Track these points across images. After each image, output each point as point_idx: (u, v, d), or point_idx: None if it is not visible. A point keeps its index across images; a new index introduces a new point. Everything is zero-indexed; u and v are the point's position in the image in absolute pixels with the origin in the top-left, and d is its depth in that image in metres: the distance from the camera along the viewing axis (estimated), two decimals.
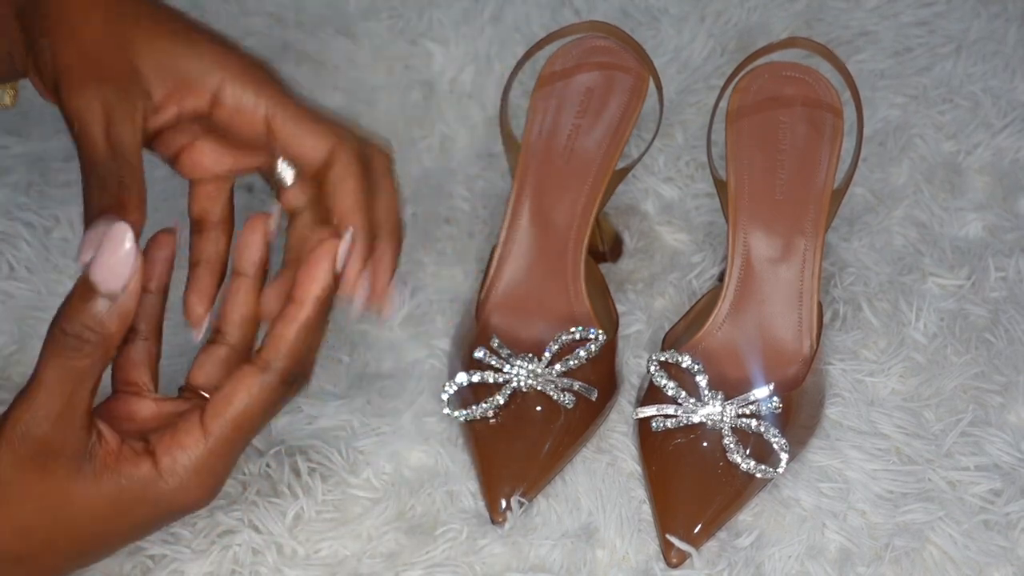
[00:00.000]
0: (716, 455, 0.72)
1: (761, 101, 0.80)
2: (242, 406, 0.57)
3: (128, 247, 0.53)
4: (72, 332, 0.53)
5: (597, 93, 0.81)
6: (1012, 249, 0.87)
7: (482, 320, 0.78)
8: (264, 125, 0.60)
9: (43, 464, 0.54)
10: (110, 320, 0.54)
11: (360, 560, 0.70)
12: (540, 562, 0.70)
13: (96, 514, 0.56)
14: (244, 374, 0.57)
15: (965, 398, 0.79)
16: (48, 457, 0.54)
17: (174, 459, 0.56)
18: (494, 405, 0.73)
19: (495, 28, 1.01)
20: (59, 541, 0.56)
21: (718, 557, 0.71)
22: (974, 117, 0.95)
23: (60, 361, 0.54)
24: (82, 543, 0.57)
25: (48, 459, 0.54)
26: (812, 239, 0.78)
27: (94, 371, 0.55)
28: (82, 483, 0.55)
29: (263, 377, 0.57)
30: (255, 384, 0.57)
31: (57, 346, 0.54)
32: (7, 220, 0.86)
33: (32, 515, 0.55)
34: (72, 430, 0.54)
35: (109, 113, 0.57)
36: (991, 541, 0.72)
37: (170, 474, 0.56)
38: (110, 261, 0.53)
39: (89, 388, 0.55)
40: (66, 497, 0.55)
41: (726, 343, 0.77)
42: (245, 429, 0.57)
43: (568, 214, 0.80)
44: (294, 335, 0.57)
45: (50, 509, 0.55)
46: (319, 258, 0.57)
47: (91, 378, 0.55)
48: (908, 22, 1.02)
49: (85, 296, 0.53)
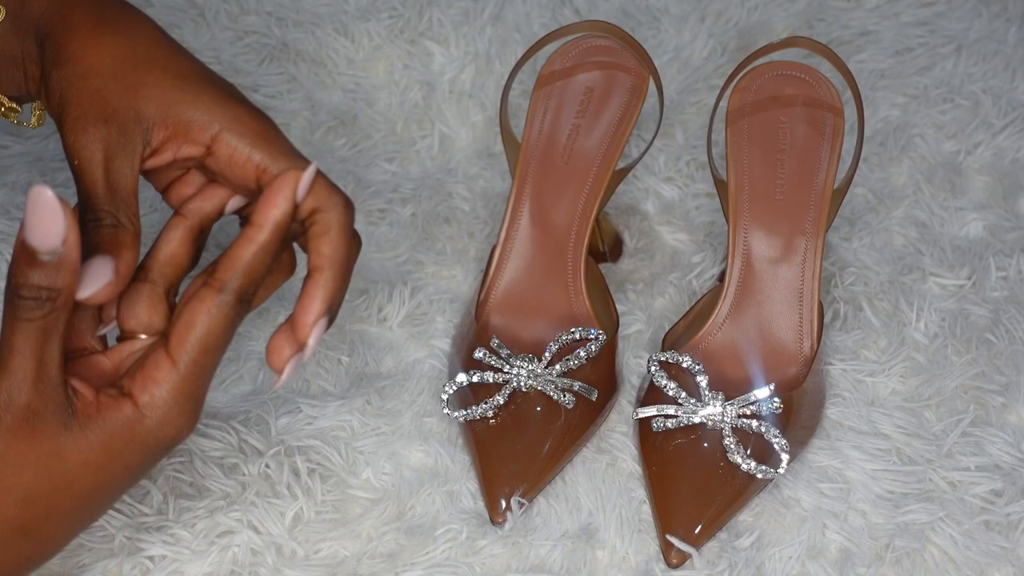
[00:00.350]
0: (716, 455, 0.72)
1: (761, 101, 0.79)
2: (204, 328, 0.57)
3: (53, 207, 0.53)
4: (28, 295, 0.54)
5: (597, 93, 0.81)
6: (1012, 249, 0.87)
7: (482, 320, 0.78)
8: (255, 179, 0.61)
9: (31, 428, 0.55)
10: (60, 275, 0.54)
11: (360, 560, 0.70)
12: (540, 562, 0.70)
13: (91, 465, 0.56)
14: (201, 297, 0.58)
15: (966, 398, 0.79)
16: (34, 420, 0.55)
17: (151, 395, 0.57)
18: (494, 405, 0.73)
19: (495, 28, 1.00)
20: (61, 502, 0.57)
21: (718, 557, 0.71)
22: (974, 117, 0.95)
23: (23, 324, 0.55)
24: (83, 499, 0.57)
25: (35, 422, 0.55)
26: (812, 239, 0.78)
27: (58, 326, 0.55)
28: (71, 438, 0.56)
29: (221, 297, 0.58)
30: (213, 305, 0.57)
31: (17, 310, 0.54)
32: (7, 220, 0.86)
33: (31, 481, 0.56)
34: (50, 388, 0.55)
35: (110, 153, 0.59)
36: (992, 542, 0.72)
37: (151, 409, 0.57)
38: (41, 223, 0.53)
39: (57, 344, 0.56)
40: (59, 456, 0.56)
41: (726, 343, 0.77)
42: (211, 350, 0.58)
43: (568, 214, 0.80)
44: (250, 256, 0.58)
45: (46, 471, 0.56)
46: (282, 184, 0.58)
47: (56, 333, 0.55)
48: (909, 22, 1.02)
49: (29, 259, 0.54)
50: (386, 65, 0.99)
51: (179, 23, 1.01)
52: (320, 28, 1.00)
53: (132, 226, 0.59)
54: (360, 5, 1.02)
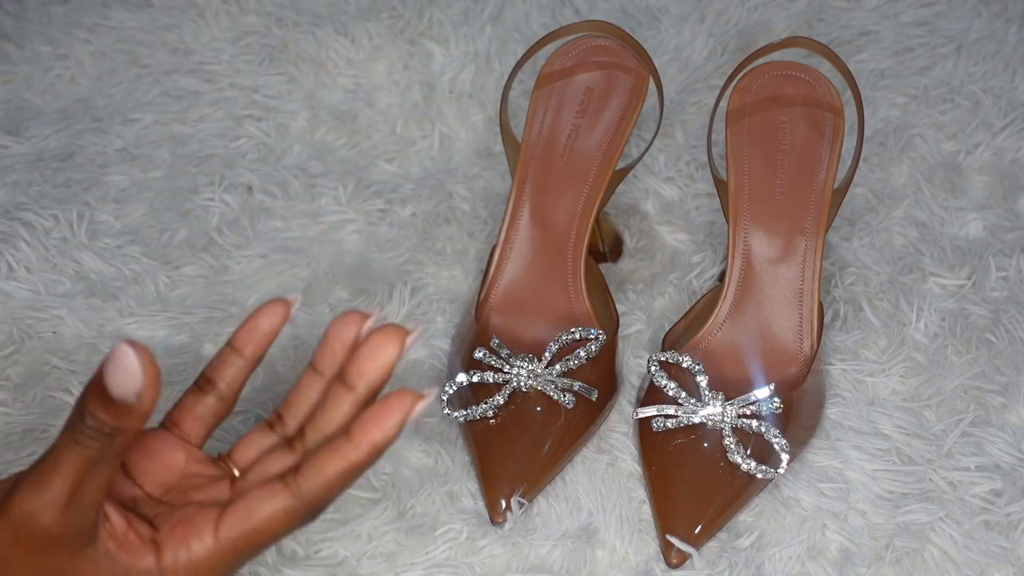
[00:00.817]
0: (716, 455, 0.72)
1: (761, 101, 0.79)
2: (260, 523, 0.55)
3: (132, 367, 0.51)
4: (91, 424, 0.52)
5: (597, 93, 0.81)
6: (1012, 249, 0.87)
7: (482, 320, 0.78)
8: None
9: (43, 547, 0.53)
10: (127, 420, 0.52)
11: (360, 560, 0.70)
12: (540, 562, 0.70)
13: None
14: (272, 492, 0.56)
15: (966, 398, 0.79)
16: (50, 541, 0.53)
17: (177, 555, 0.55)
18: (494, 405, 0.73)
19: (495, 28, 1.00)
20: None
21: (718, 557, 0.71)
22: (974, 117, 0.95)
23: (76, 447, 0.53)
24: None
25: (49, 543, 0.53)
26: (812, 239, 0.78)
27: (108, 462, 0.54)
28: (81, 564, 0.54)
29: (291, 503, 0.55)
30: (280, 507, 0.55)
31: (75, 432, 0.53)
32: (7, 220, 0.86)
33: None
34: (78, 515, 0.54)
35: None
36: (992, 542, 0.72)
37: (171, 571, 0.55)
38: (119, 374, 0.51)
39: (102, 478, 0.54)
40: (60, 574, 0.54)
41: (726, 343, 0.77)
42: (255, 544, 0.56)
43: (568, 214, 0.80)
44: (338, 472, 0.55)
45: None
46: (394, 408, 0.55)
47: (106, 464, 0.54)
48: (909, 22, 1.02)
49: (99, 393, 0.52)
50: (386, 65, 0.99)
51: (179, 23, 1.01)
52: (320, 28, 1.00)
53: None
54: (360, 5, 1.02)
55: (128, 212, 0.89)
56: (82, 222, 0.87)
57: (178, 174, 0.91)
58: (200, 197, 0.90)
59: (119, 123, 0.95)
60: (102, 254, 0.85)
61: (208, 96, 0.98)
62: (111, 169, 0.92)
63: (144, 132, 0.95)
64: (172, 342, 0.80)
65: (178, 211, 0.89)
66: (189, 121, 0.96)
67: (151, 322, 0.81)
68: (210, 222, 0.88)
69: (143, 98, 0.97)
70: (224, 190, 0.90)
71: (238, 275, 0.85)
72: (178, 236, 0.87)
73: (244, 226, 0.88)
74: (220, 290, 0.84)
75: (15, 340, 0.79)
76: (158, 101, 0.97)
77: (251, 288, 0.84)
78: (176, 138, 0.94)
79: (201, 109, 0.97)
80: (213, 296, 0.84)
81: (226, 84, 0.98)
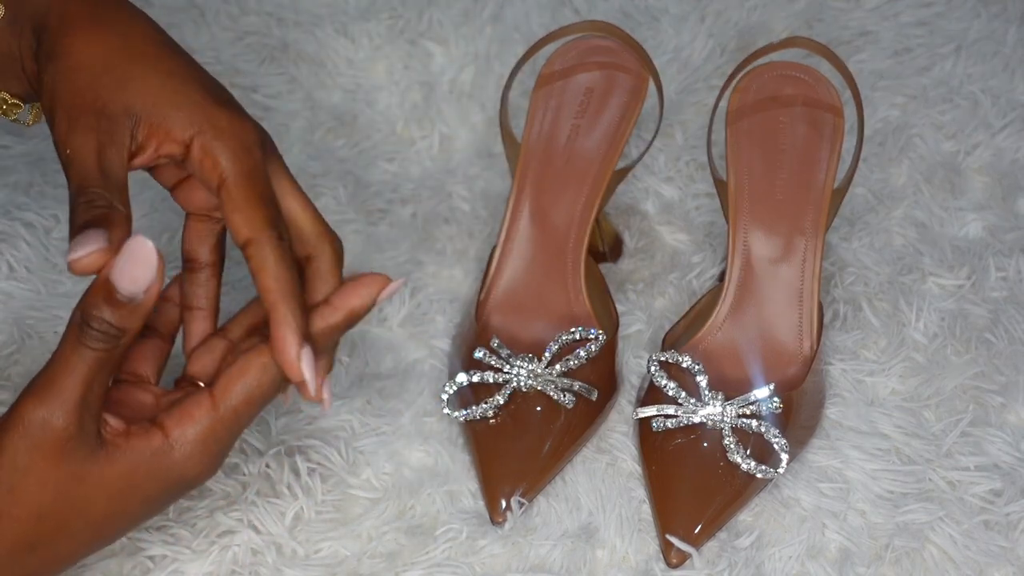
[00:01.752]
0: (716, 455, 0.72)
1: (761, 101, 0.79)
2: (254, 381, 0.59)
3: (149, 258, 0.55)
4: (97, 327, 0.55)
5: (597, 93, 0.81)
6: (1012, 249, 0.87)
7: (482, 320, 0.78)
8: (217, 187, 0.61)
9: (60, 450, 0.56)
10: (132, 318, 0.56)
11: (360, 560, 0.70)
12: (540, 562, 0.70)
13: (110, 492, 0.57)
14: (259, 351, 0.59)
15: (965, 398, 0.79)
16: (65, 443, 0.56)
17: (184, 430, 0.58)
18: (494, 405, 0.73)
19: (495, 28, 1.00)
20: (74, 524, 0.57)
21: (718, 557, 0.71)
22: (974, 117, 0.95)
23: (84, 351, 0.56)
24: (96, 525, 0.58)
25: (65, 445, 0.56)
26: (812, 239, 0.78)
27: (112, 361, 0.57)
28: (95, 464, 0.57)
29: None
30: (270, 362, 0.59)
31: (82, 336, 0.56)
32: (7, 220, 0.86)
33: (48, 501, 0.56)
34: (88, 417, 0.56)
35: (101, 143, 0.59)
36: (991, 541, 0.72)
37: (180, 443, 0.58)
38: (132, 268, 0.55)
39: (105, 377, 0.57)
40: (81, 480, 0.56)
41: (726, 343, 0.77)
42: (254, 403, 0.59)
43: (568, 214, 0.80)
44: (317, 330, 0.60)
45: (65, 493, 0.56)
46: (370, 280, 0.61)
47: (109, 367, 0.57)
48: (908, 22, 1.02)
49: (107, 295, 0.55)
50: (386, 65, 0.99)
51: (179, 23, 1.01)
52: (320, 28, 1.00)
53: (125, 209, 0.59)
54: (360, 5, 1.02)
55: None
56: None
57: None
58: None
59: None
60: None
61: None
62: None
63: None
64: None
65: (178, 211, 0.89)
66: None
67: None
68: None
69: None
70: None
71: (238, 275, 0.85)
72: (178, 236, 0.87)
73: None
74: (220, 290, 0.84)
75: (16, 340, 0.79)
76: None
77: (251, 288, 0.84)
78: None
79: None
80: None
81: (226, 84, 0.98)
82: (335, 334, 0.61)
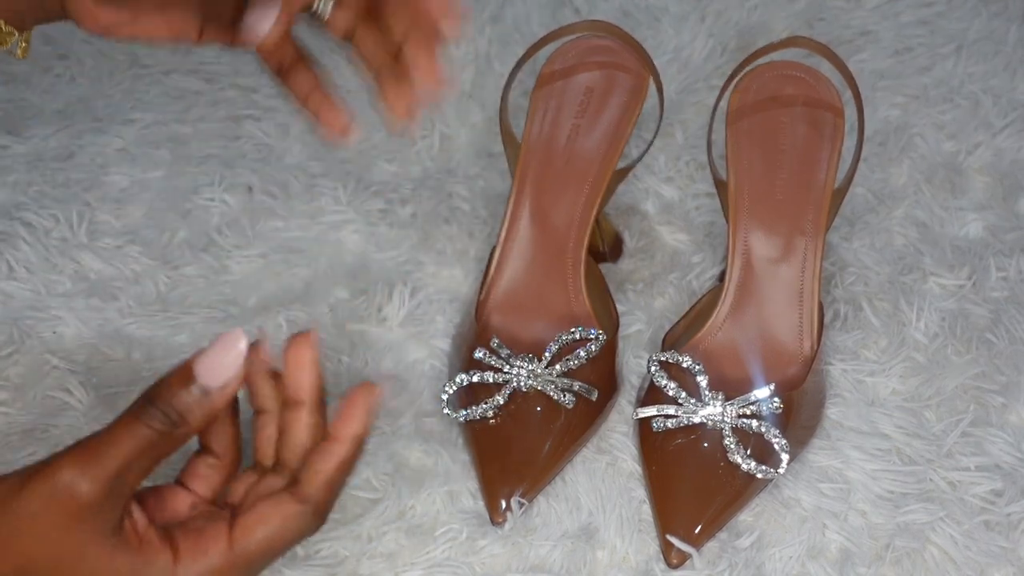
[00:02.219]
0: (717, 455, 0.72)
1: (761, 101, 0.79)
2: (273, 530, 0.58)
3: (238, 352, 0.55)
4: (161, 408, 0.55)
5: (597, 93, 0.81)
6: (1012, 249, 0.87)
7: (482, 320, 0.78)
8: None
9: (74, 516, 0.54)
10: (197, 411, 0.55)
11: (360, 560, 0.70)
12: (540, 562, 0.70)
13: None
14: (281, 501, 0.58)
15: (966, 398, 0.79)
16: (81, 512, 0.54)
17: (194, 561, 0.57)
18: (494, 405, 0.73)
19: (495, 28, 1.00)
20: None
21: (718, 557, 0.71)
22: (974, 117, 0.95)
23: (138, 426, 0.55)
24: None
25: (81, 514, 0.54)
26: (812, 239, 0.78)
27: (162, 450, 0.56)
28: (100, 550, 0.55)
29: (301, 508, 0.59)
30: (292, 514, 0.58)
31: (141, 412, 0.55)
32: (7, 220, 0.86)
33: (39, 557, 0.55)
34: (114, 498, 0.55)
35: None
36: (992, 542, 0.72)
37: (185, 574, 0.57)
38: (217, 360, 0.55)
39: (147, 466, 0.56)
40: (80, 555, 0.55)
41: (726, 343, 0.77)
42: (269, 553, 0.58)
43: (568, 214, 0.80)
44: (332, 470, 0.60)
45: (59, 559, 0.55)
46: (357, 400, 0.60)
47: (155, 456, 0.56)
48: (908, 22, 1.02)
49: (183, 380, 0.55)
50: None
51: None
52: None
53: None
54: None
55: (128, 212, 0.89)
56: (82, 222, 0.87)
57: (178, 174, 0.91)
58: (200, 197, 0.90)
59: (119, 123, 0.95)
60: (102, 254, 0.85)
61: (208, 96, 0.98)
62: (111, 169, 0.91)
63: (144, 132, 0.95)
64: (172, 342, 0.80)
65: (178, 211, 0.89)
66: (189, 121, 0.96)
67: (151, 322, 0.81)
68: (210, 222, 0.88)
69: (143, 98, 0.97)
70: (224, 190, 0.90)
71: (238, 275, 0.85)
72: (178, 236, 0.87)
73: (244, 226, 0.88)
74: (220, 290, 0.84)
75: (15, 340, 0.79)
76: (158, 101, 0.97)
77: (251, 288, 0.84)
78: (176, 138, 0.94)
79: (201, 109, 0.97)
80: (213, 296, 0.84)
81: (226, 84, 0.98)
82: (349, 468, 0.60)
